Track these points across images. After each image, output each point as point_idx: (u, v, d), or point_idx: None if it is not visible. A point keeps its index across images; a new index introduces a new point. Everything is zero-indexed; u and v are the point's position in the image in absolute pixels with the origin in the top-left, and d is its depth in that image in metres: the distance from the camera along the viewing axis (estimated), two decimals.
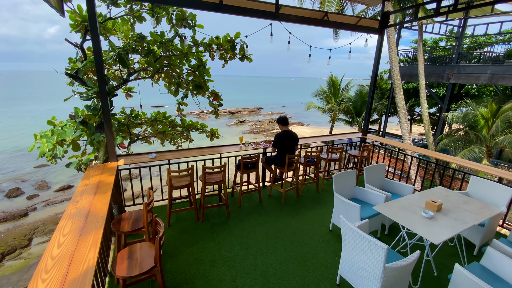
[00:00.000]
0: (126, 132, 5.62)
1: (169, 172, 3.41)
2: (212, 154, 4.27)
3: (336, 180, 3.45)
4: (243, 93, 73.22)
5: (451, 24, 14.47)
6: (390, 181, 3.94)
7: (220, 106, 5.56)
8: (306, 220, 3.88)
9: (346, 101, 17.59)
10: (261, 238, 3.42)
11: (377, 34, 4.95)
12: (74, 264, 1.73)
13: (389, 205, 2.95)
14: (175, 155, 4.14)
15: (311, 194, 4.73)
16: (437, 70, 11.91)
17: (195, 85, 5.16)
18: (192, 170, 3.56)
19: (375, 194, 3.47)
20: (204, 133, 6.49)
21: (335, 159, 4.87)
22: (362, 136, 5.56)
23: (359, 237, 2.27)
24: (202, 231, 3.54)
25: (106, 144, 3.64)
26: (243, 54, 4.97)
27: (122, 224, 2.71)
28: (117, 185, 3.68)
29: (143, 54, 4.36)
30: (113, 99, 6.47)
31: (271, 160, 4.48)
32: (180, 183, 3.61)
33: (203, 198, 3.73)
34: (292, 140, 4.25)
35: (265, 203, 4.36)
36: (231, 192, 4.66)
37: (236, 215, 3.96)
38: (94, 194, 2.71)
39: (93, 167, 3.49)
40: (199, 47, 4.94)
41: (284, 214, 4.03)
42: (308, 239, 3.42)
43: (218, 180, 3.79)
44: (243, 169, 4.09)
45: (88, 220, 2.24)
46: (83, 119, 3.54)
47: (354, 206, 3.12)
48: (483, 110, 10.49)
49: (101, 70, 3.30)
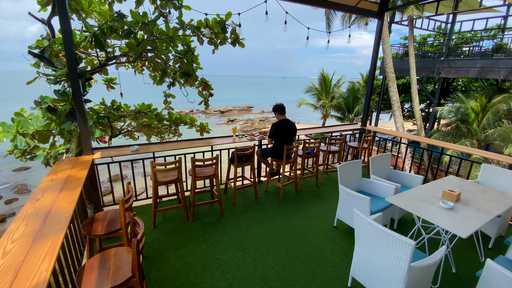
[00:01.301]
0: (107, 126, 5.12)
1: (153, 165, 2.98)
2: (202, 146, 3.85)
3: (341, 171, 3.12)
4: (233, 92, 72.55)
5: (439, 20, 14.62)
6: (397, 172, 3.66)
7: (210, 96, 5.14)
8: (308, 216, 3.53)
9: (338, 97, 17.48)
10: (260, 238, 3.04)
11: (377, 18, 4.69)
12: (20, 280, 1.30)
13: (403, 197, 2.64)
14: (161, 147, 3.70)
15: (311, 189, 4.39)
16: (428, 64, 11.93)
17: (182, 73, 4.72)
18: (179, 163, 3.14)
19: (383, 185, 3.17)
20: (193, 128, 6.06)
21: (334, 151, 4.56)
22: (361, 127, 5.28)
23: (378, 232, 1.93)
24: (192, 232, 3.13)
25: (79, 134, 3.15)
26: (235, 38, 4.57)
27: (95, 226, 2.26)
28: (93, 181, 3.21)
29: (123, 36, 3.88)
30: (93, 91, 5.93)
31: (267, 153, 4.11)
32: (166, 178, 3.18)
33: (193, 195, 3.32)
34: (291, 130, 3.90)
35: (261, 200, 3.98)
36: (224, 189, 4.26)
37: (230, 213, 3.56)
38: (60, 191, 2.25)
39: (64, 161, 3.00)
40: (186, 30, 4.51)
41: (283, 210, 3.67)
42: (312, 237, 3.07)
43: (209, 174, 3.38)
44: (238, 162, 3.70)
45: (47, 222, 1.79)
46: (50, 106, 3.04)
47: (363, 199, 2.79)
48: (474, 104, 10.55)
49: (70, 47, 2.82)
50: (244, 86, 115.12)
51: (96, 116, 4.77)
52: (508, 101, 9.35)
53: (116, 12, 3.72)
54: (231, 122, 30.91)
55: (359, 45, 78.55)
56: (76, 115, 3.01)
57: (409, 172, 6.76)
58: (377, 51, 4.80)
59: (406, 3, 9.51)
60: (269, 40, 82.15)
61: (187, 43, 4.72)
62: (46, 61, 3.16)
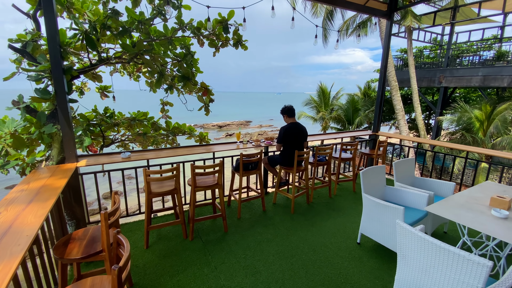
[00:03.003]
0: (99, 135, 4.71)
1: (146, 172, 2.54)
2: (203, 152, 3.44)
3: (364, 178, 2.71)
4: (231, 107, 72.94)
5: (434, 32, 14.84)
6: (422, 179, 3.26)
7: (211, 101, 4.80)
8: (325, 231, 3.07)
9: (337, 110, 17.34)
10: (272, 259, 2.56)
11: (385, 19, 4.48)
12: None
13: (444, 206, 2.22)
14: (157, 154, 3.28)
15: (324, 200, 3.94)
16: (428, 74, 11.87)
17: (181, 76, 4.39)
18: (177, 170, 2.71)
19: (413, 193, 2.75)
20: (192, 138, 5.68)
21: (348, 158, 4.17)
22: (373, 133, 4.93)
23: (434, 251, 1.50)
24: (192, 253, 2.64)
25: (61, 139, 2.74)
26: (237, 39, 4.30)
27: (70, 248, 1.80)
28: (76, 193, 2.75)
29: (117, 34, 3.57)
30: (85, 99, 5.54)
31: (275, 160, 3.70)
32: (162, 188, 2.73)
33: (192, 209, 2.86)
34: (301, 134, 3.52)
35: (270, 213, 3.52)
36: (228, 201, 3.80)
37: (236, 229, 3.09)
38: (29, 203, 1.80)
39: (42, 169, 2.56)
40: (185, 31, 4.24)
41: (296, 225, 3.20)
42: (334, 257, 2.60)
43: (212, 183, 2.94)
44: (243, 171, 3.27)
45: (1, 243, 1.34)
46: (28, 106, 2.65)
47: (395, 210, 2.37)
48: (478, 112, 10.36)
49: (54, 38, 2.48)
50: (241, 101, 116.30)
51: (86, 123, 4.38)
52: None
53: (110, 8, 3.43)
54: (229, 136, 30.58)
55: (353, 61, 79.16)
56: (59, 116, 2.61)
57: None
58: (388, 51, 4.56)
59: (415, 2, 9.47)
60: (265, 59, 79.82)
61: (186, 46, 4.44)
62: (28, 57, 2.81)
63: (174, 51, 4.38)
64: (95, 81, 5.07)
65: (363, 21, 12.29)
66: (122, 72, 5.65)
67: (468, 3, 10.16)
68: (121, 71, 5.62)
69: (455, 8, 10.56)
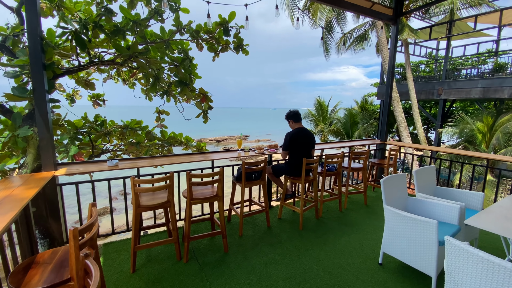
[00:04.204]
0: (88, 145, 4.37)
1: (134, 182, 2.18)
2: (201, 160, 3.10)
3: (385, 188, 2.37)
4: (228, 122, 73.12)
5: (429, 47, 15.10)
6: (445, 189, 2.93)
7: (210, 109, 4.52)
8: (340, 250, 2.68)
9: (336, 123, 17.25)
10: (282, 285, 2.16)
11: (390, 23, 4.35)
12: None
13: (485, 219, 1.89)
14: (150, 162, 2.92)
15: (334, 215, 3.57)
16: (426, 87, 11.87)
17: (178, 81, 4.14)
18: (171, 179, 2.35)
19: (442, 205, 2.41)
20: (189, 149, 5.35)
21: (358, 168, 3.85)
22: (381, 141, 4.65)
23: (507, 276, 1.15)
24: (186, 278, 2.23)
25: (38, 143, 2.39)
26: (238, 43, 4.10)
27: (31, 274, 1.40)
28: (53, 207, 2.37)
29: (110, 34, 3.33)
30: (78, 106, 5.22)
31: (280, 170, 3.36)
32: (153, 200, 2.36)
33: (188, 225, 2.48)
34: (309, 140, 3.22)
35: (276, 229, 3.13)
36: (228, 216, 3.40)
37: (237, 249, 2.69)
38: None
39: (13, 178, 2.19)
40: (183, 33, 4.03)
41: (307, 243, 2.81)
42: (354, 281, 2.21)
43: (210, 195, 2.58)
44: (246, 181, 2.92)
45: None
46: (3, 105, 2.32)
47: (428, 224, 2.02)
48: (480, 124, 10.24)
49: (35, 30, 2.20)
50: (239, 116, 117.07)
51: (74, 131, 4.04)
52: None
53: (102, 6, 3.21)
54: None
55: (347, 78, 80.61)
56: (36, 117, 2.28)
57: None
58: (394, 56, 4.41)
59: (420, 6, 9.52)
60: (262, 75, 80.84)
61: (185, 50, 4.22)
62: (7, 52, 2.52)
63: (171, 55, 4.16)
64: (88, 89, 4.78)
65: (360, 36, 12.49)
66: (116, 79, 5.40)
67: (464, 17, 10.35)
68: (115, 78, 5.37)
69: (451, 22, 10.75)
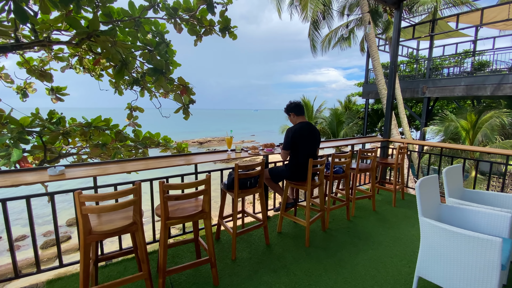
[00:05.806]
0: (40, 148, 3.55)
1: (80, 198, 1.48)
2: (181, 164, 2.43)
3: (421, 194, 1.85)
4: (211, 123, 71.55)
5: (410, 47, 15.35)
6: (474, 191, 2.49)
7: (191, 103, 3.84)
8: (359, 274, 2.13)
9: (321, 122, 17.06)
10: None
11: (394, 8, 3.94)
12: None
13: None
14: (121, 167, 2.20)
15: (342, 225, 3.03)
16: (411, 85, 11.91)
17: (152, 69, 3.43)
18: (137, 192, 1.67)
19: (486, 213, 1.93)
20: (168, 151, 4.65)
21: (366, 169, 3.36)
22: (385, 139, 4.22)
23: None
24: None
25: None
26: (225, 24, 3.47)
27: None
28: None
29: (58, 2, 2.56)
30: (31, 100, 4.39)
31: (280, 173, 2.76)
32: (109, 224, 1.66)
33: (163, 253, 1.80)
34: (314, 136, 2.66)
35: (277, 248, 2.52)
36: (216, 233, 2.73)
37: (231, 280, 2.04)
38: None
39: None
40: (158, 11, 3.35)
41: (318, 267, 2.23)
42: None
43: (193, 212, 1.92)
44: (240, 189, 2.29)
45: None
46: None
47: (488, 243, 1.51)
48: (463, 122, 10.36)
49: None
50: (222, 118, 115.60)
51: (18, 130, 3.21)
52: (501, 116, 9.18)
53: None
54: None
55: (328, 80, 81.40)
56: None
57: None
58: (397, 44, 4.03)
59: None
60: (245, 77, 79.46)
61: (160, 32, 3.54)
62: None
63: (143, 38, 3.44)
64: (43, 80, 3.95)
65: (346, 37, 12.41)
66: (78, 68, 4.55)
67: (446, 16, 10.45)
68: (77, 67, 4.52)
69: (433, 21, 10.83)
